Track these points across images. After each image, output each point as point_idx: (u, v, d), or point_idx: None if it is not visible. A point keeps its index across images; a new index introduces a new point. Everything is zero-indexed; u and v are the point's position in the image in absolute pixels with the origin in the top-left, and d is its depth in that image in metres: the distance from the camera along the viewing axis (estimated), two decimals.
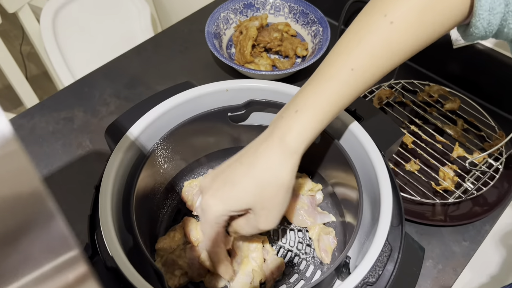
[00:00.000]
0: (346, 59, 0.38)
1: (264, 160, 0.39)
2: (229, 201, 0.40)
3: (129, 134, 0.46)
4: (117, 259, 0.37)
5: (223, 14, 0.84)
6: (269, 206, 0.40)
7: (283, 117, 0.40)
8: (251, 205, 0.40)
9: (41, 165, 0.67)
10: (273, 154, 0.39)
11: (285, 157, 0.39)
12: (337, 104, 0.39)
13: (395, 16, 0.36)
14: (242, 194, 0.39)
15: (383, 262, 0.39)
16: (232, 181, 0.40)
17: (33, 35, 1.19)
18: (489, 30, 0.36)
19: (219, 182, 0.41)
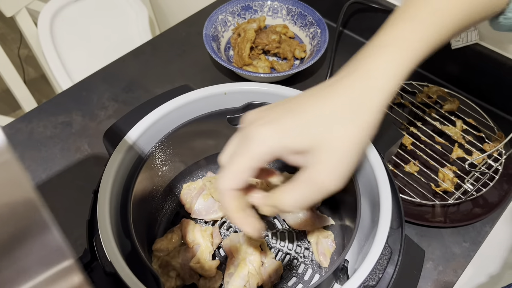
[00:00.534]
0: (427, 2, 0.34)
1: (346, 91, 0.31)
2: (290, 131, 0.30)
3: (127, 138, 0.46)
4: (115, 264, 0.37)
5: (221, 16, 0.83)
6: (342, 148, 0.30)
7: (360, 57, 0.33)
8: (317, 141, 0.30)
9: (39, 170, 0.67)
10: (356, 88, 0.31)
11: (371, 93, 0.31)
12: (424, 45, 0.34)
13: None
14: (310, 123, 0.30)
15: (383, 265, 0.38)
16: (297, 107, 0.31)
17: (30, 39, 1.19)
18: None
19: (272, 112, 0.32)
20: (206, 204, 0.54)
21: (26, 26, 1.17)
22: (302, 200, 0.32)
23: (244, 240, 0.50)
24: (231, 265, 0.49)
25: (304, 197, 0.32)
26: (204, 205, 0.54)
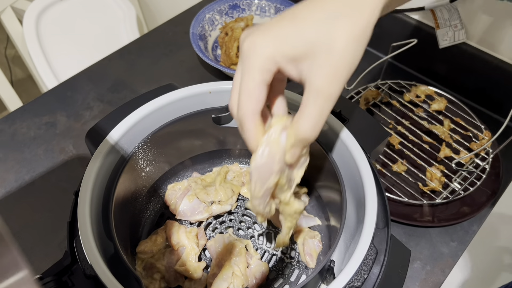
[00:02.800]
0: None
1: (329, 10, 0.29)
2: (285, 37, 0.29)
3: (109, 138, 0.45)
4: (96, 267, 0.36)
5: (208, 15, 0.83)
6: (339, 47, 0.29)
7: None
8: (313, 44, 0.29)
9: (23, 171, 0.66)
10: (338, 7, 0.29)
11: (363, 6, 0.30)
12: None
13: None
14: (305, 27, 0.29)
15: (368, 266, 0.38)
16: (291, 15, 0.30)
17: (16, 38, 1.17)
18: None
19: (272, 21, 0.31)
20: (191, 205, 0.53)
21: (11, 25, 1.15)
22: (318, 118, 0.31)
23: (230, 241, 0.49)
24: (215, 266, 0.48)
25: (318, 115, 0.30)
26: (189, 206, 0.53)
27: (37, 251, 0.57)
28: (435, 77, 0.80)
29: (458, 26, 0.70)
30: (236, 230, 0.54)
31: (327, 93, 0.30)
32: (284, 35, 0.29)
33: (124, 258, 0.39)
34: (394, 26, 0.79)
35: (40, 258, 0.57)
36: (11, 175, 0.65)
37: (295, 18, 0.30)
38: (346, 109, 0.50)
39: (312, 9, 0.30)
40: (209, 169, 0.59)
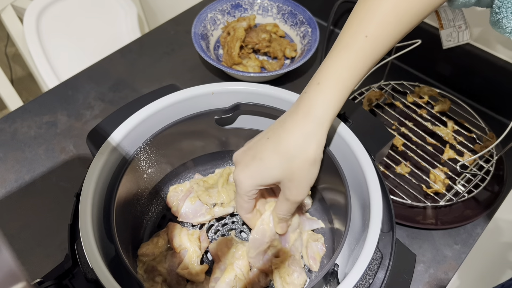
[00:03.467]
0: (359, 29, 0.39)
1: (290, 134, 0.40)
2: (257, 176, 0.42)
3: (111, 139, 0.45)
4: (97, 271, 0.36)
5: (210, 14, 0.82)
6: (297, 178, 0.41)
7: (306, 92, 0.41)
8: (279, 178, 0.41)
9: (23, 171, 0.65)
10: (298, 128, 0.40)
11: (311, 130, 0.40)
12: (355, 72, 0.40)
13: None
14: (269, 169, 0.41)
15: (373, 270, 0.37)
16: (260, 156, 0.41)
17: (16, 37, 1.17)
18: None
19: (248, 157, 0.42)
20: (193, 207, 0.53)
21: (11, 23, 1.15)
22: (287, 211, 0.45)
23: (232, 244, 0.49)
24: (217, 269, 0.47)
25: (287, 209, 0.45)
26: (191, 208, 0.53)
27: (37, 252, 0.57)
28: (439, 78, 0.79)
29: (463, 26, 0.69)
30: (239, 232, 0.53)
31: (293, 201, 0.43)
32: (257, 174, 0.42)
33: (126, 261, 0.38)
34: None
35: (40, 259, 0.56)
36: (11, 174, 0.65)
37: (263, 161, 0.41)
38: (350, 111, 0.50)
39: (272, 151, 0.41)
40: (211, 170, 0.59)
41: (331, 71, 0.40)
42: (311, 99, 0.40)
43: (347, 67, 0.39)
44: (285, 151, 0.40)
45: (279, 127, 0.42)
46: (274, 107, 0.49)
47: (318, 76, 0.40)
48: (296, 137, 0.40)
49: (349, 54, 0.39)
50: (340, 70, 0.39)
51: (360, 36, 0.39)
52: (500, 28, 0.41)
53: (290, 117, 0.41)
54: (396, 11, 0.39)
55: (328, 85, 0.39)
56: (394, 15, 0.39)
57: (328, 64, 0.40)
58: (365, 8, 0.39)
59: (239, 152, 0.44)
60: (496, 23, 0.41)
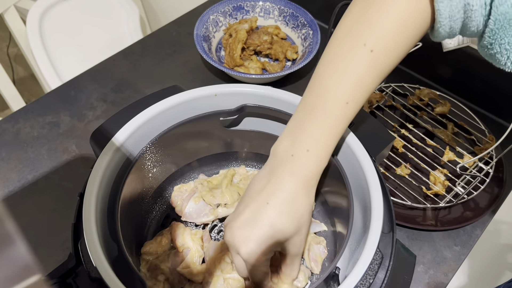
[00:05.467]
0: (338, 93, 0.40)
1: (293, 195, 0.41)
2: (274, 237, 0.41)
3: (115, 139, 0.45)
4: (100, 270, 0.36)
5: (212, 16, 0.83)
6: (304, 229, 0.43)
7: (293, 155, 0.41)
8: (291, 234, 0.42)
9: (26, 171, 0.66)
10: (299, 188, 0.41)
11: (309, 188, 0.42)
12: (339, 134, 0.42)
13: (373, 43, 0.38)
14: (284, 229, 0.41)
15: (374, 271, 0.38)
16: (269, 223, 0.40)
17: (19, 37, 1.17)
18: (452, 33, 0.39)
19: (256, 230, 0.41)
20: (197, 207, 0.53)
21: (14, 24, 1.15)
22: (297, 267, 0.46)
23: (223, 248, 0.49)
24: (206, 273, 0.48)
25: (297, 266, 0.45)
26: (195, 208, 0.53)
27: (40, 251, 0.57)
28: (439, 80, 0.80)
29: None
30: None
31: (301, 253, 0.44)
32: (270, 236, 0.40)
33: (129, 259, 0.39)
34: None
35: (43, 258, 0.57)
36: (14, 174, 0.65)
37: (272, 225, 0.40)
38: None
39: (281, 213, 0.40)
40: (215, 171, 0.59)
41: (318, 138, 0.41)
42: (304, 165, 0.41)
43: (332, 133, 0.41)
44: (291, 212, 0.41)
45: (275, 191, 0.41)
46: (279, 110, 0.50)
47: (304, 139, 0.41)
48: (300, 197, 0.41)
49: (333, 121, 0.41)
50: (326, 137, 0.41)
51: (341, 103, 0.40)
52: (495, 61, 0.40)
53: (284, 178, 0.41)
54: (374, 70, 0.39)
55: (318, 152, 0.41)
56: (372, 75, 0.39)
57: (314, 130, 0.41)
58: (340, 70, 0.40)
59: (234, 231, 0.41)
60: (489, 56, 0.40)
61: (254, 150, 0.59)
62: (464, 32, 0.39)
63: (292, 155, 0.41)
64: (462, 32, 0.39)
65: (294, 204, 0.41)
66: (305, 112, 0.42)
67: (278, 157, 0.43)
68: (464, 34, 0.40)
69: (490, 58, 0.40)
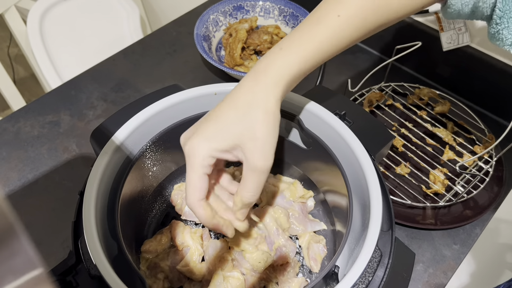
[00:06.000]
0: (333, 6, 0.38)
1: (247, 90, 0.38)
2: (214, 137, 0.37)
3: (115, 138, 0.45)
4: (100, 267, 0.36)
5: (213, 16, 0.83)
6: (260, 135, 0.37)
7: (266, 56, 0.39)
8: (239, 137, 0.37)
9: (26, 170, 0.66)
10: (255, 85, 0.38)
11: (268, 86, 0.37)
12: (321, 48, 0.39)
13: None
14: (228, 126, 0.37)
15: (373, 268, 0.38)
16: (215, 117, 0.38)
17: (20, 37, 1.17)
18: (465, 3, 0.38)
19: (200, 123, 0.39)
20: None
21: (15, 24, 1.15)
22: (256, 187, 0.38)
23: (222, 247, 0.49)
24: (206, 272, 0.48)
25: (255, 184, 0.38)
26: None
27: (40, 250, 0.57)
28: (439, 79, 0.80)
29: (462, 29, 0.70)
30: None
31: (261, 168, 0.37)
32: (214, 134, 0.37)
33: (129, 257, 0.39)
34: (398, 28, 0.79)
35: (43, 257, 0.57)
36: (14, 173, 0.66)
37: (218, 119, 0.37)
38: (351, 111, 0.50)
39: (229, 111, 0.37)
40: None
41: (296, 41, 0.39)
42: (270, 61, 0.38)
43: (313, 40, 0.38)
44: (243, 104, 0.37)
45: (234, 90, 0.39)
46: None
47: (282, 43, 0.39)
48: (254, 91, 0.37)
49: (318, 28, 0.38)
50: (306, 42, 0.38)
51: (332, 14, 0.38)
52: (499, 40, 0.40)
53: (247, 78, 0.39)
54: None
55: (291, 52, 0.38)
56: (372, 2, 0.38)
57: (295, 35, 0.39)
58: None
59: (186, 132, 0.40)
60: (495, 35, 0.40)
61: None
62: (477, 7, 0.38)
63: (265, 56, 0.39)
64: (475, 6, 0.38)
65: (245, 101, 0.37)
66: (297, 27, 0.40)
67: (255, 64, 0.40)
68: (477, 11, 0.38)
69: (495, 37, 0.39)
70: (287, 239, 0.50)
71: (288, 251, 0.49)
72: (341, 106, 0.51)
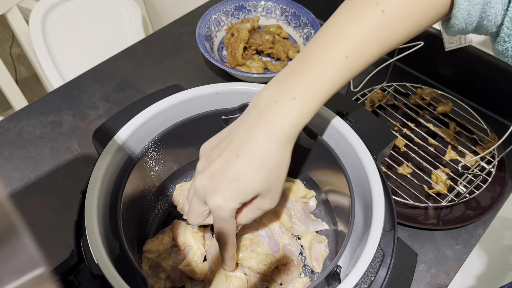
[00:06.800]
0: (340, 46, 0.38)
1: (264, 147, 0.39)
2: (239, 196, 0.39)
3: (117, 138, 0.45)
4: (102, 267, 0.36)
5: (215, 16, 0.83)
6: (274, 187, 0.40)
7: (277, 101, 0.39)
8: (259, 191, 0.40)
9: (28, 170, 0.66)
10: (272, 141, 0.39)
11: (285, 142, 0.39)
12: (331, 90, 0.39)
13: (386, 5, 0.37)
14: (250, 185, 0.39)
15: (375, 268, 0.38)
16: (236, 177, 0.39)
17: (22, 37, 1.18)
18: (469, 22, 0.38)
19: (223, 182, 0.40)
20: None
21: (17, 24, 1.16)
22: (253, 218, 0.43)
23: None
24: (209, 272, 0.48)
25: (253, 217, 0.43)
26: None
27: (42, 249, 0.57)
28: (441, 79, 0.80)
29: None
30: None
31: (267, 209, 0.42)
32: (238, 195, 0.39)
33: (131, 257, 0.39)
34: None
35: (46, 256, 0.57)
36: (16, 173, 0.66)
37: (240, 180, 0.39)
38: (353, 111, 0.50)
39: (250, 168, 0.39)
40: None
41: (307, 88, 0.38)
42: (285, 113, 0.38)
43: (324, 85, 0.39)
44: (263, 165, 0.39)
45: (248, 141, 0.39)
46: None
47: (293, 86, 0.39)
48: (271, 149, 0.39)
49: (328, 72, 0.38)
50: (317, 88, 0.38)
51: (341, 56, 0.38)
52: (507, 57, 0.38)
53: (259, 128, 0.39)
54: (381, 33, 0.38)
55: (304, 102, 0.38)
56: (378, 37, 0.38)
57: (304, 78, 0.39)
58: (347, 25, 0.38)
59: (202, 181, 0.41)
60: (503, 52, 0.39)
61: None
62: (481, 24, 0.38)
63: (275, 101, 0.39)
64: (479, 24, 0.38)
65: (265, 159, 0.39)
66: (300, 61, 0.40)
67: (260, 102, 0.40)
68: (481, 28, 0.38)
69: (503, 54, 0.39)
70: (291, 237, 0.50)
71: (293, 249, 0.49)
72: (343, 105, 0.51)
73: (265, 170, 0.39)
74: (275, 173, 0.40)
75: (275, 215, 0.51)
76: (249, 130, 0.39)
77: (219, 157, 0.40)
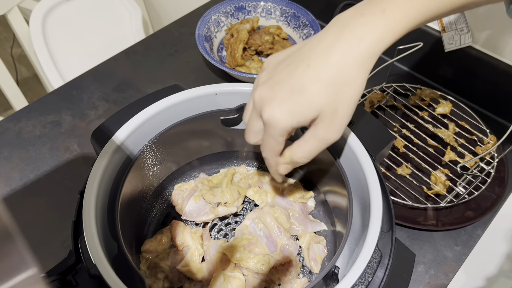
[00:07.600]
0: None
1: (339, 58, 0.34)
2: (299, 110, 0.35)
3: (115, 138, 0.45)
4: (100, 267, 0.36)
5: (214, 16, 0.83)
6: (341, 108, 0.35)
7: (364, 14, 0.34)
8: (322, 109, 0.35)
9: (28, 170, 0.66)
10: (350, 54, 0.34)
11: (364, 58, 0.34)
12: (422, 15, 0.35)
13: None
14: (315, 99, 0.35)
15: (373, 269, 0.38)
16: (300, 87, 0.35)
17: (22, 38, 1.18)
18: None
19: (284, 91, 0.35)
20: (197, 205, 0.53)
21: (18, 25, 1.16)
22: (312, 153, 0.38)
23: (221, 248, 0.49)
24: (207, 272, 0.48)
25: (313, 150, 0.38)
26: (195, 206, 0.53)
27: (40, 249, 0.58)
28: (441, 80, 0.80)
29: (464, 29, 0.70)
30: None
31: (328, 140, 0.37)
32: (297, 109, 0.35)
33: (129, 257, 0.39)
34: None
35: (44, 257, 0.57)
36: (16, 173, 0.66)
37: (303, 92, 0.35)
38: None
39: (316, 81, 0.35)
40: (216, 170, 0.60)
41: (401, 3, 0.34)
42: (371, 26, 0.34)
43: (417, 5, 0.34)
44: (333, 77, 0.34)
45: (322, 52, 0.35)
46: None
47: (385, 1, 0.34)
48: (347, 62, 0.34)
49: None
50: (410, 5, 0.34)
51: None
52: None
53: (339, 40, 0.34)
54: None
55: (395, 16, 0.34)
56: None
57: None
58: None
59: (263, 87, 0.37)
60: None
61: (255, 150, 0.59)
62: None
63: (362, 14, 0.34)
64: None
65: (337, 72, 0.34)
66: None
67: (343, 17, 0.35)
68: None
69: None
70: (289, 238, 0.50)
71: (291, 249, 0.49)
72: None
73: (335, 85, 0.34)
74: (345, 91, 0.34)
75: (273, 215, 0.51)
76: (326, 42, 0.35)
77: (286, 68, 0.36)
